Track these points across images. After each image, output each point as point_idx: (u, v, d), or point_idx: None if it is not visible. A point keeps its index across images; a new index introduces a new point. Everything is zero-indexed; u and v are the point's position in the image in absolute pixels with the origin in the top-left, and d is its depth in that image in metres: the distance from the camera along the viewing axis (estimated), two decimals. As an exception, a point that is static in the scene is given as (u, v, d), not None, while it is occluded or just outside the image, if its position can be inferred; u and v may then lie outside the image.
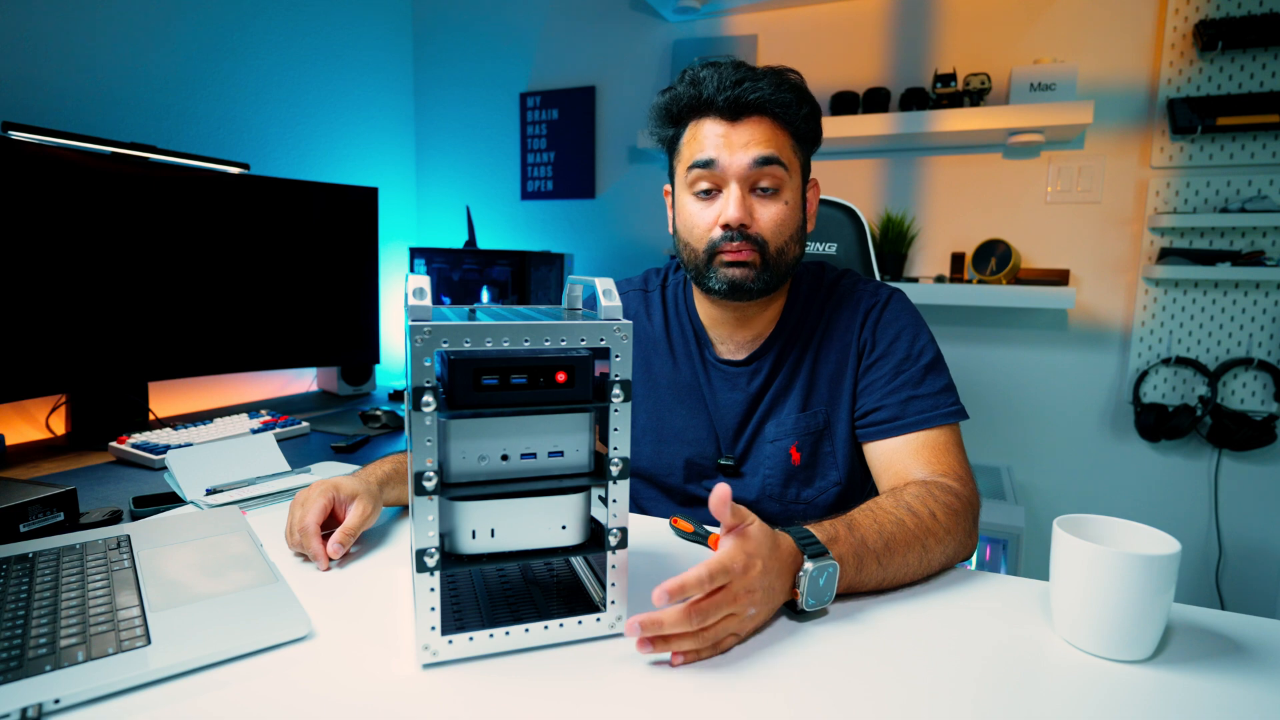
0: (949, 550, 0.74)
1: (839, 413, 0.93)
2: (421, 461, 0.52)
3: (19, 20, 1.41)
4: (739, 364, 0.96)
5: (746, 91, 0.85)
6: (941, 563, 0.74)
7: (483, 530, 0.56)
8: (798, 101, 0.87)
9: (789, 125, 0.87)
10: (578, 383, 0.56)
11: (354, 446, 1.41)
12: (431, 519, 0.53)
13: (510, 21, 2.41)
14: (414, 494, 0.52)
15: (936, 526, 0.72)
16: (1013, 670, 0.56)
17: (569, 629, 0.58)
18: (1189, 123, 1.69)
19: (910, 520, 0.71)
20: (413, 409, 0.51)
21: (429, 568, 0.53)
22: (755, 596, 0.58)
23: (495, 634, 0.56)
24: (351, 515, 0.76)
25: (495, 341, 0.53)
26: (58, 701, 0.49)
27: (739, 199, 0.84)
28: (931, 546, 0.71)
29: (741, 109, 0.85)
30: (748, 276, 0.87)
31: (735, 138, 0.85)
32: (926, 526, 0.71)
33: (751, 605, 0.58)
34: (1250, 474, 1.77)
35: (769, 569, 0.59)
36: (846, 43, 2.02)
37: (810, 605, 0.63)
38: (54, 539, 0.75)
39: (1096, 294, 1.86)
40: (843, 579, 0.64)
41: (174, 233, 1.45)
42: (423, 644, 0.54)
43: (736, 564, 0.57)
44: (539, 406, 0.56)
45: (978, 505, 0.80)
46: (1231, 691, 0.53)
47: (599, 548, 0.59)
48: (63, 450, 1.34)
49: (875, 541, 0.68)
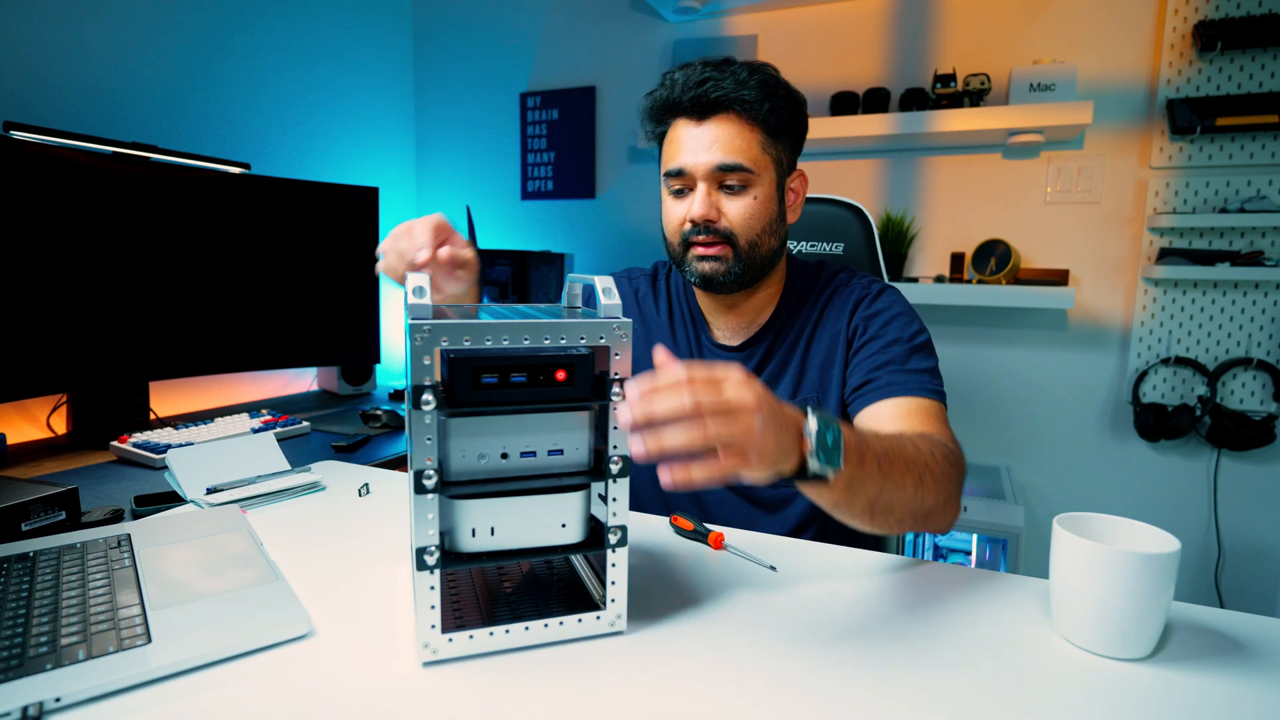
0: (941, 495, 0.71)
1: (828, 399, 0.94)
2: (421, 460, 0.52)
3: (19, 20, 1.41)
4: (734, 349, 0.99)
5: (709, 90, 0.86)
6: (932, 505, 0.70)
7: (483, 529, 0.56)
8: (762, 97, 0.87)
9: (757, 121, 0.88)
10: (577, 381, 0.56)
11: (354, 446, 1.41)
12: (431, 517, 0.53)
13: (510, 21, 2.41)
14: (414, 493, 0.53)
15: (935, 465, 0.70)
16: (1012, 668, 0.56)
17: (569, 627, 0.58)
18: (1188, 123, 1.69)
19: (911, 449, 0.69)
20: (413, 408, 0.51)
21: (429, 566, 0.53)
22: (753, 408, 0.52)
23: (495, 632, 0.56)
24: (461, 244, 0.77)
25: (495, 340, 0.53)
26: (58, 700, 0.49)
27: (704, 197, 0.88)
28: (928, 481, 0.69)
29: (706, 108, 0.88)
30: (718, 269, 0.90)
31: (702, 138, 0.88)
32: (925, 461, 0.69)
33: (755, 417, 0.52)
34: (1249, 474, 1.77)
35: (768, 401, 0.55)
36: (846, 43, 2.02)
37: (820, 462, 0.57)
38: (55, 538, 0.75)
39: (1096, 294, 1.86)
40: (847, 455, 0.59)
41: (175, 232, 1.45)
42: (423, 642, 0.54)
43: (719, 371, 0.54)
44: (539, 405, 0.56)
45: (965, 472, 0.78)
46: (1230, 689, 0.53)
47: (599, 546, 0.59)
48: (64, 449, 1.34)
49: (878, 445, 0.65)
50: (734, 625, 0.62)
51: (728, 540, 0.78)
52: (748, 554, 0.76)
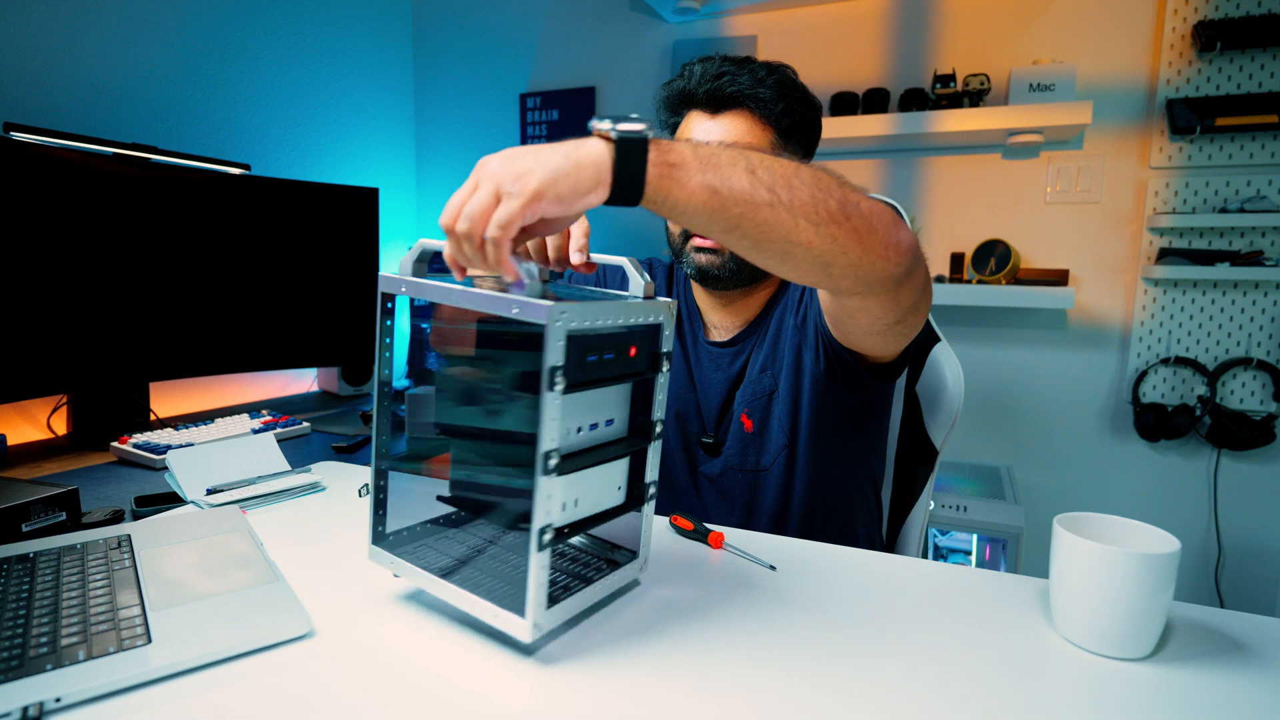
0: (873, 213, 0.61)
1: (787, 373, 0.94)
2: (550, 441, 0.53)
3: (19, 20, 1.41)
4: (723, 345, 1.00)
5: (725, 84, 0.86)
6: (860, 224, 0.60)
7: (569, 502, 0.59)
8: (777, 97, 0.87)
9: (770, 120, 0.88)
10: (642, 355, 0.60)
11: (355, 447, 1.41)
12: (553, 497, 0.54)
13: (510, 22, 2.41)
14: (540, 474, 0.53)
15: (834, 179, 0.61)
16: (1012, 667, 0.56)
17: (616, 578, 0.63)
18: (1188, 123, 1.70)
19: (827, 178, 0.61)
20: (547, 389, 0.52)
21: (545, 545, 0.54)
22: (492, 158, 0.53)
23: (566, 603, 0.58)
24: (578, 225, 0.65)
25: (602, 320, 0.55)
26: (59, 700, 0.49)
27: None
28: (826, 183, 0.59)
29: (721, 101, 0.88)
30: (714, 263, 0.91)
31: (713, 132, 0.87)
32: (818, 171, 0.60)
33: (495, 160, 0.53)
34: (1249, 473, 1.77)
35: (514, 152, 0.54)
36: (846, 43, 2.02)
37: (618, 133, 0.53)
38: (55, 539, 0.75)
39: (1096, 294, 1.86)
40: (669, 148, 0.55)
41: (175, 233, 1.45)
42: (533, 622, 0.55)
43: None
44: (616, 379, 0.59)
45: (915, 245, 0.66)
46: (1230, 689, 0.53)
47: (640, 502, 0.64)
48: (64, 450, 1.34)
49: (750, 155, 0.58)
50: (734, 625, 0.62)
51: (728, 540, 0.79)
52: (748, 554, 0.76)
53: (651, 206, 0.56)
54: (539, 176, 0.51)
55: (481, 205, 0.52)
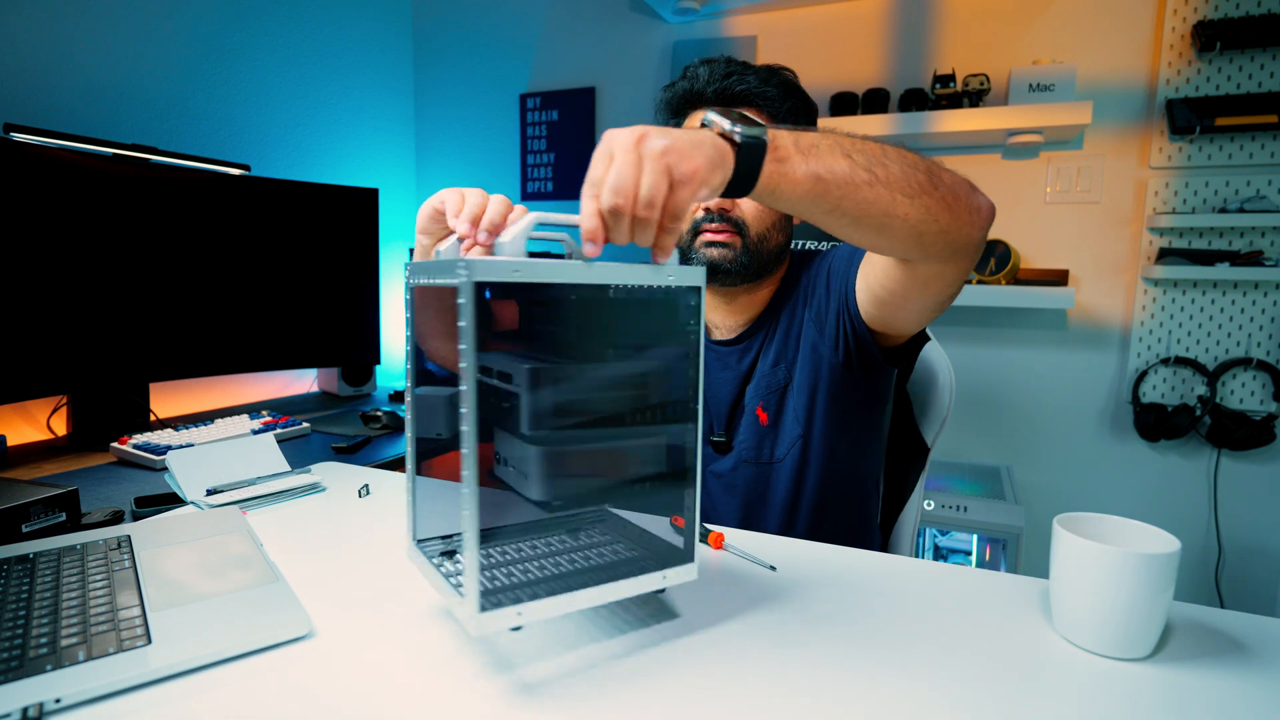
0: (954, 183, 0.65)
1: (802, 364, 0.95)
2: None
3: (19, 20, 1.41)
4: (729, 343, 1.00)
5: (734, 84, 0.89)
6: (940, 176, 0.64)
7: None
8: (783, 96, 0.91)
9: (777, 118, 0.91)
10: None
11: (355, 447, 1.41)
12: None
13: (510, 22, 2.41)
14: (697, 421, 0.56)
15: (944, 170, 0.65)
16: (1012, 668, 0.56)
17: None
18: (1188, 123, 1.70)
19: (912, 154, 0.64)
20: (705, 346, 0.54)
21: None
22: (660, 143, 0.52)
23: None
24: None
25: None
26: (59, 701, 0.49)
27: None
28: (911, 158, 0.63)
29: (729, 100, 0.90)
30: (725, 256, 0.91)
31: None
32: (903, 149, 0.64)
33: (662, 143, 0.52)
34: (1249, 473, 1.77)
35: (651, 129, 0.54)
36: (846, 43, 2.03)
37: (742, 135, 0.55)
38: (55, 539, 0.75)
39: (1096, 294, 1.86)
40: (778, 143, 0.57)
41: (175, 234, 1.46)
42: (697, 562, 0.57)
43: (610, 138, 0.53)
44: None
45: (993, 209, 0.71)
46: (1230, 689, 0.53)
47: None
48: (64, 451, 1.34)
49: (842, 140, 0.61)
50: (733, 625, 0.62)
51: (728, 540, 0.79)
52: (748, 554, 0.76)
53: (755, 197, 0.59)
54: (703, 165, 0.52)
55: (658, 189, 0.51)
